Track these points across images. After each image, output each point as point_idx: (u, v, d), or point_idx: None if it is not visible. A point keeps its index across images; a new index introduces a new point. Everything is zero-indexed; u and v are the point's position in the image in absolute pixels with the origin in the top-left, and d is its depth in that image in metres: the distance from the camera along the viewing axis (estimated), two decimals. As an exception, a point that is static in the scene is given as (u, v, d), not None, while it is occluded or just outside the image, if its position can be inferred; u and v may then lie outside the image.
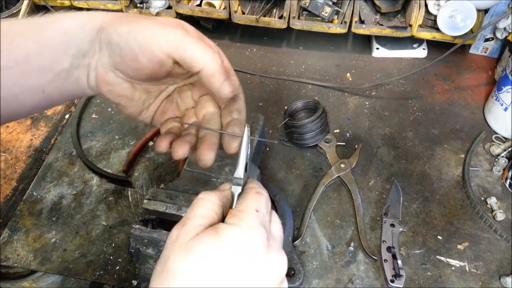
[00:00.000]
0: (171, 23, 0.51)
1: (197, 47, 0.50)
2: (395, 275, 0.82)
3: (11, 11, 1.15)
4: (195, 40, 0.51)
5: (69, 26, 0.50)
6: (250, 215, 0.45)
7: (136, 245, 0.74)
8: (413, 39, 1.24)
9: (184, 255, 0.41)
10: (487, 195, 0.96)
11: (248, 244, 0.42)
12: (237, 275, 0.41)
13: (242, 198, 0.48)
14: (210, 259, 0.41)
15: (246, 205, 0.46)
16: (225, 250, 0.42)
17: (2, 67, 0.48)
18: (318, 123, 1.02)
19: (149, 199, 0.77)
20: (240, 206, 0.46)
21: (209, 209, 0.47)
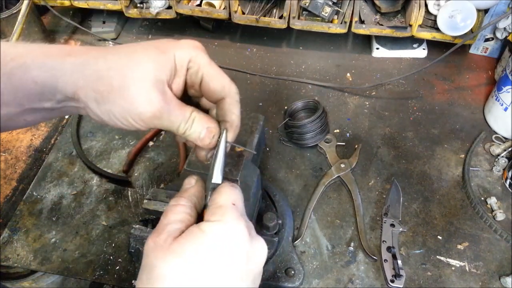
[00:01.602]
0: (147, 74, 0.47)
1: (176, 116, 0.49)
2: (395, 275, 0.82)
3: (11, 11, 1.15)
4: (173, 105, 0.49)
5: (37, 77, 0.47)
6: (230, 209, 0.46)
7: (136, 245, 0.74)
8: (413, 39, 1.24)
9: (171, 258, 0.42)
10: (487, 195, 0.96)
11: (234, 238, 0.44)
12: (228, 268, 0.43)
13: (217, 193, 0.49)
14: (200, 257, 0.42)
15: (223, 200, 0.48)
16: (213, 246, 0.43)
17: None
18: (318, 123, 1.02)
19: (149, 199, 0.77)
20: (217, 201, 0.48)
21: (183, 213, 0.48)
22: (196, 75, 0.51)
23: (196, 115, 0.50)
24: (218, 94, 0.51)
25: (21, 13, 1.14)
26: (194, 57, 0.50)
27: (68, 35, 1.39)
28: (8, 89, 0.47)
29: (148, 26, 1.40)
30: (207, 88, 0.51)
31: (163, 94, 0.47)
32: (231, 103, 0.52)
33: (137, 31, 1.39)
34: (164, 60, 0.48)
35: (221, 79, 0.51)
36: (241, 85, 1.21)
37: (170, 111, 0.48)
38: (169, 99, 0.48)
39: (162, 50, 0.48)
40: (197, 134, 0.50)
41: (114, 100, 0.46)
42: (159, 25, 1.40)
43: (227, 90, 0.51)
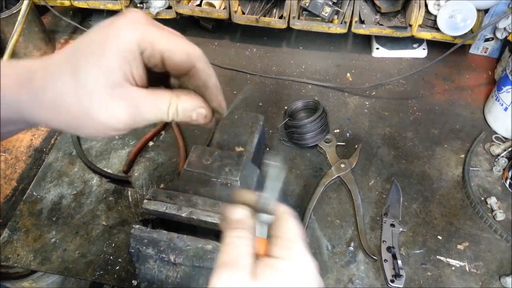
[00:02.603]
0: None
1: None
2: (395, 275, 0.82)
3: (11, 11, 1.15)
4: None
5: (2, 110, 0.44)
6: (301, 245, 0.45)
7: (136, 245, 0.74)
8: (413, 39, 1.24)
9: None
10: (487, 195, 0.96)
11: (309, 277, 0.45)
12: None
13: (282, 226, 0.47)
14: None
15: (292, 234, 0.46)
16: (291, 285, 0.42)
17: None
18: (318, 123, 1.02)
19: (149, 199, 0.77)
20: (286, 236, 0.45)
21: (250, 247, 0.45)
22: (153, 56, 0.43)
23: (176, 101, 0.44)
24: (186, 64, 0.45)
25: (21, 13, 1.14)
26: (141, 38, 0.42)
27: (68, 35, 1.39)
28: None
29: (148, 26, 1.40)
30: (172, 63, 0.44)
31: (125, 98, 0.42)
32: (204, 68, 0.46)
33: (137, 31, 1.39)
34: (109, 60, 0.41)
35: (183, 47, 0.44)
36: (241, 85, 1.22)
37: (143, 111, 0.43)
38: (137, 98, 0.42)
39: (101, 50, 0.41)
40: (188, 118, 0.46)
41: (83, 125, 0.43)
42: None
43: (193, 56, 0.45)
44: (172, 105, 0.44)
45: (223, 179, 0.80)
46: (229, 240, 0.45)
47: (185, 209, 0.75)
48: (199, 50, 0.46)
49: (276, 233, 0.46)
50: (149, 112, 0.43)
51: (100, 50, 0.41)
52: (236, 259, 0.43)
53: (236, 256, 0.44)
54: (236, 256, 0.44)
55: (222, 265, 0.43)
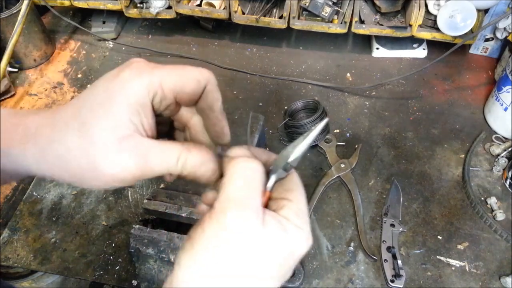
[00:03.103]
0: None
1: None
2: (395, 275, 0.82)
3: (11, 11, 1.15)
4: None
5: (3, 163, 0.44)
6: (308, 218, 0.45)
7: (136, 245, 0.74)
8: (413, 39, 1.24)
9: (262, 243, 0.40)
10: (487, 195, 0.96)
11: (305, 247, 0.44)
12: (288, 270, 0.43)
13: (296, 191, 0.46)
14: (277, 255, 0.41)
15: (304, 205, 0.45)
16: (288, 250, 0.42)
17: None
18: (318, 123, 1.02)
19: (149, 199, 0.77)
20: (298, 203, 0.45)
21: (262, 185, 0.43)
22: (165, 96, 0.43)
23: (186, 154, 0.43)
24: (197, 90, 0.44)
25: (21, 13, 1.14)
26: (150, 84, 0.41)
27: (68, 35, 1.39)
28: None
29: (148, 26, 1.40)
30: (185, 95, 0.44)
31: (135, 150, 0.41)
32: (212, 90, 0.45)
33: (137, 31, 1.39)
34: (117, 113, 0.40)
35: (191, 75, 0.43)
36: (241, 85, 1.22)
37: (152, 163, 0.42)
38: (146, 150, 0.41)
39: (108, 104, 0.40)
40: (196, 173, 0.45)
41: (90, 178, 0.42)
42: (159, 25, 1.40)
43: (202, 80, 0.44)
44: (182, 158, 0.43)
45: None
46: (241, 172, 0.42)
47: (185, 209, 0.75)
48: (207, 72, 0.45)
49: (288, 196, 0.45)
50: (159, 165, 0.42)
51: (108, 104, 0.40)
52: (249, 197, 0.41)
53: (249, 193, 0.41)
54: (249, 193, 0.41)
55: (232, 201, 0.40)
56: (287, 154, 0.46)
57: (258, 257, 0.40)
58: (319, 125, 0.47)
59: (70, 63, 1.30)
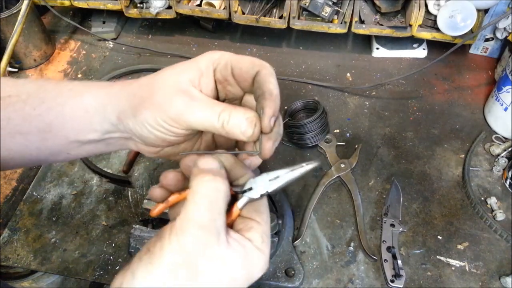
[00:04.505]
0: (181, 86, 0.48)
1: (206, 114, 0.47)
2: (395, 275, 0.82)
3: (11, 11, 1.15)
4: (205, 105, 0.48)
5: (89, 105, 0.50)
6: (269, 244, 0.46)
7: (136, 245, 0.74)
8: (413, 39, 1.24)
9: (220, 264, 0.41)
10: (487, 195, 0.96)
11: (262, 269, 0.45)
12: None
13: (265, 215, 0.48)
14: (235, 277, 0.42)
15: (268, 229, 0.47)
16: (248, 271, 0.44)
17: (24, 133, 0.49)
18: (318, 123, 1.02)
19: (149, 199, 0.77)
20: (265, 226, 0.47)
21: (225, 204, 0.44)
22: (225, 68, 0.50)
23: (230, 108, 0.47)
24: (251, 70, 0.49)
25: (21, 13, 1.14)
26: (217, 57, 0.50)
27: (68, 35, 1.39)
28: (59, 119, 0.49)
29: (148, 26, 1.40)
30: (239, 71, 0.50)
31: (187, 94, 0.47)
32: (265, 74, 0.50)
33: (137, 31, 1.39)
34: (186, 67, 0.50)
35: (249, 58, 0.50)
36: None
37: (198, 107, 0.47)
38: (196, 97, 0.47)
39: (184, 62, 0.51)
40: (237, 127, 0.47)
41: (146, 109, 0.47)
42: (159, 25, 1.40)
43: (257, 63, 0.50)
44: (225, 112, 0.46)
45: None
46: (204, 191, 0.43)
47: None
48: (263, 61, 0.50)
49: (256, 217, 0.47)
50: (204, 110, 0.46)
51: (183, 63, 0.50)
52: (211, 219, 0.42)
53: (212, 215, 0.42)
54: (212, 215, 0.42)
55: (193, 222, 0.41)
56: (269, 181, 0.47)
57: (217, 278, 0.41)
58: (311, 165, 0.49)
59: (70, 63, 1.30)
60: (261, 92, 0.49)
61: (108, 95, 0.50)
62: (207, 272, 0.41)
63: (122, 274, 0.42)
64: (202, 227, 0.41)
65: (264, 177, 0.48)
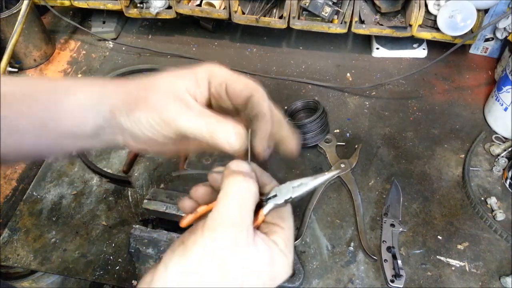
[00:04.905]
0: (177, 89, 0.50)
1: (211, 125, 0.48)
2: (395, 275, 0.82)
3: (11, 11, 1.15)
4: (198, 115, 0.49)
5: (83, 101, 0.51)
6: (292, 250, 0.48)
7: (136, 245, 0.74)
8: (413, 39, 1.24)
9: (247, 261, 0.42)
10: (487, 195, 0.96)
11: (286, 274, 0.46)
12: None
13: (289, 221, 0.49)
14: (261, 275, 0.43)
15: (292, 234, 0.49)
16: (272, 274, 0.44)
17: (20, 130, 0.50)
18: (318, 123, 1.02)
19: (149, 199, 0.77)
20: (288, 231, 0.48)
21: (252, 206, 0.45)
22: (220, 86, 0.51)
23: (221, 120, 0.48)
24: (244, 92, 0.51)
25: (21, 13, 1.14)
26: (214, 71, 0.52)
27: (68, 35, 1.39)
28: (54, 116, 0.51)
29: (148, 26, 1.40)
30: (232, 90, 0.51)
31: (182, 101, 0.48)
32: (258, 97, 0.51)
33: (137, 31, 1.39)
34: (184, 74, 0.51)
35: (244, 80, 0.52)
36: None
37: (191, 115, 0.48)
38: (190, 105, 0.49)
39: (183, 70, 0.52)
40: (225, 139, 0.47)
41: (140, 109, 0.49)
42: (159, 25, 1.40)
43: (251, 87, 0.51)
44: (216, 123, 0.48)
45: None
46: (237, 191, 0.44)
47: (185, 209, 0.75)
48: (256, 84, 0.52)
49: (280, 223, 0.48)
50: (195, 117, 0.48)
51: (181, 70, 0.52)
52: (242, 217, 0.43)
53: (242, 212, 0.43)
54: (242, 212, 0.43)
55: (225, 219, 0.42)
56: (293, 188, 0.49)
57: (244, 273, 0.42)
58: (332, 172, 0.50)
59: (70, 63, 1.30)
60: (254, 114, 0.51)
61: (103, 91, 0.52)
62: (235, 268, 0.42)
63: (152, 272, 0.43)
64: (233, 224, 0.42)
65: (288, 185, 0.49)
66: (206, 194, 0.52)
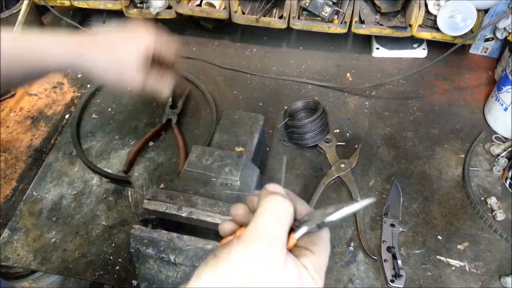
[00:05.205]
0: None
1: None
2: (395, 275, 0.82)
3: (11, 11, 1.15)
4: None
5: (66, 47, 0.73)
6: (323, 277, 0.46)
7: (136, 245, 0.74)
8: (413, 39, 1.24)
9: (277, 278, 0.41)
10: (487, 195, 0.96)
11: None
12: None
13: (321, 247, 0.48)
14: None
15: (325, 261, 0.47)
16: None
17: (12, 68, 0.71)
18: (318, 123, 1.02)
19: (149, 199, 0.77)
20: (320, 257, 0.47)
21: (288, 225, 0.45)
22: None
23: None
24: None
25: (21, 13, 1.14)
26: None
27: (68, 35, 1.39)
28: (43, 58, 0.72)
29: (148, 26, 1.40)
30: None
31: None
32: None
33: (137, 31, 1.39)
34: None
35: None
36: (241, 85, 1.22)
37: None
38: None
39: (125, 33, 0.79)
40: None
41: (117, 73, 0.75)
42: (159, 25, 1.40)
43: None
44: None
45: (223, 179, 0.80)
46: (275, 209, 0.44)
47: (185, 209, 0.75)
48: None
49: (312, 248, 0.47)
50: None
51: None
52: (278, 234, 0.43)
53: (279, 230, 0.43)
54: (279, 230, 0.43)
55: (262, 234, 0.42)
56: (327, 214, 0.47)
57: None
58: (367, 201, 0.49)
59: (70, 63, 1.30)
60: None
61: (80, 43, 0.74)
62: (265, 283, 0.41)
63: (184, 283, 0.43)
64: (268, 239, 0.42)
65: (321, 211, 0.48)
66: (246, 212, 0.51)
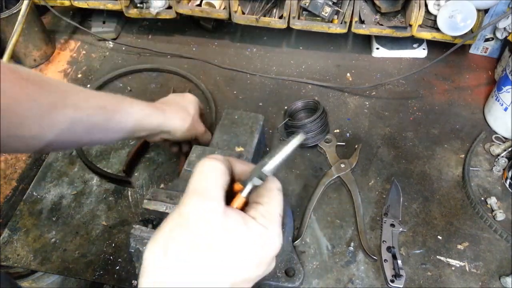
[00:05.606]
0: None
1: None
2: (395, 275, 0.82)
3: (11, 11, 1.15)
4: None
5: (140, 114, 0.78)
6: (277, 221, 0.47)
7: (136, 245, 0.73)
8: (413, 39, 1.24)
9: (224, 234, 0.42)
10: (487, 195, 0.96)
11: (270, 247, 0.46)
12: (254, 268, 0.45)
13: (268, 197, 0.49)
14: (236, 248, 0.43)
15: (273, 208, 0.48)
16: (249, 245, 0.44)
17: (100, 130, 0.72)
18: (318, 123, 1.02)
19: (149, 199, 0.76)
20: (267, 205, 0.48)
21: (221, 180, 0.47)
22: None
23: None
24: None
25: (21, 13, 1.14)
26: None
27: (68, 35, 1.39)
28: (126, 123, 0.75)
29: (148, 26, 1.40)
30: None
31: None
32: None
33: (137, 31, 1.39)
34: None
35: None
36: (241, 85, 1.22)
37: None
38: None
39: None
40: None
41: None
42: (159, 25, 1.40)
43: None
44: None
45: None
46: (200, 169, 0.47)
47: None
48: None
49: (259, 200, 0.48)
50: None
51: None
52: (207, 188, 0.45)
53: (207, 184, 0.45)
54: (207, 184, 0.45)
55: (192, 191, 0.45)
56: (264, 164, 0.49)
57: (214, 245, 0.42)
58: (297, 138, 0.49)
59: (70, 63, 1.31)
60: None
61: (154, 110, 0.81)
62: (206, 238, 0.42)
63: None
64: (199, 194, 0.44)
65: (260, 163, 0.49)
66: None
